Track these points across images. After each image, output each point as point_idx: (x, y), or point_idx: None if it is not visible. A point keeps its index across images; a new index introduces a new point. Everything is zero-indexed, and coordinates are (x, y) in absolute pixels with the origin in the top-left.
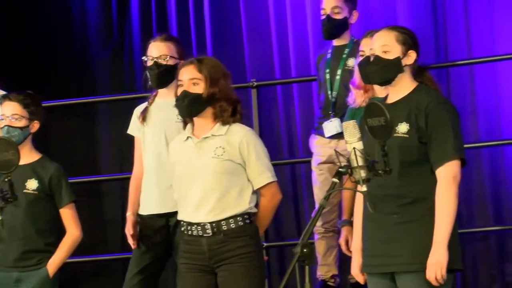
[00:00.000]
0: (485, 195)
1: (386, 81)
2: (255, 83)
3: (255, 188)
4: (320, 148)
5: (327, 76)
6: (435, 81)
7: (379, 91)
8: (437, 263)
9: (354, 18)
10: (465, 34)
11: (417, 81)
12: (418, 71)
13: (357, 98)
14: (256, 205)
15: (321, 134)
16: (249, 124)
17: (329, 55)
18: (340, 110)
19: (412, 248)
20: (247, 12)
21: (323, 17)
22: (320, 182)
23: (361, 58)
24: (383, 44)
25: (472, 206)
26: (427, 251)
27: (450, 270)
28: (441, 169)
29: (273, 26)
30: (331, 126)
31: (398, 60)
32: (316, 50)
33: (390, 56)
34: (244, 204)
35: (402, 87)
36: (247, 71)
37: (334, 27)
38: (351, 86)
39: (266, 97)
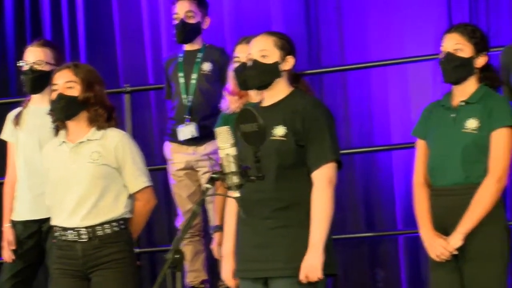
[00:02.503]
0: (357, 202)
1: (264, 86)
2: (129, 89)
3: (130, 193)
4: (177, 154)
5: (181, 80)
6: (309, 87)
7: (254, 96)
8: (311, 265)
9: (206, 23)
10: (338, 41)
11: (293, 86)
12: (293, 77)
13: (231, 104)
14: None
15: (175, 140)
16: (122, 129)
17: (180, 59)
18: (196, 114)
19: (287, 253)
20: (121, 18)
21: (177, 21)
22: (180, 188)
23: (236, 64)
24: (261, 48)
25: (344, 212)
26: (303, 256)
27: (324, 275)
28: (317, 172)
29: (146, 31)
30: (186, 130)
31: (276, 65)
32: None
33: (269, 60)
34: (119, 209)
35: (279, 91)
36: (120, 76)
37: (188, 32)
38: (225, 92)
39: (139, 103)
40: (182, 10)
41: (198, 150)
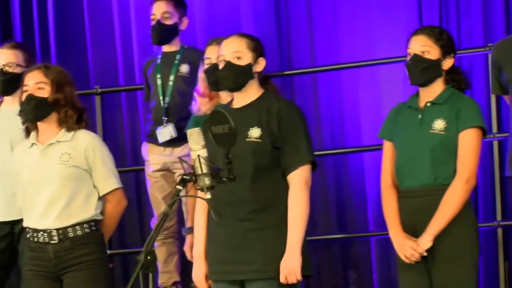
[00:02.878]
0: (329, 203)
1: (238, 87)
2: (99, 90)
3: (101, 194)
4: (154, 155)
5: (159, 82)
6: (278, 88)
7: (225, 98)
8: (290, 267)
9: (184, 24)
10: (309, 43)
11: (262, 88)
12: (262, 79)
13: (201, 106)
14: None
15: (153, 141)
16: (93, 131)
17: (158, 61)
18: (174, 116)
19: (265, 255)
20: (91, 19)
21: (153, 22)
22: (156, 190)
23: (207, 66)
24: (235, 50)
25: (315, 214)
26: (281, 258)
27: (301, 276)
28: (294, 174)
29: (117, 32)
30: (165, 132)
31: (249, 66)
32: None
33: (242, 62)
34: (90, 210)
35: (251, 93)
36: (91, 78)
37: (164, 33)
38: (195, 94)
39: (110, 104)
40: (159, 11)
41: (174, 151)
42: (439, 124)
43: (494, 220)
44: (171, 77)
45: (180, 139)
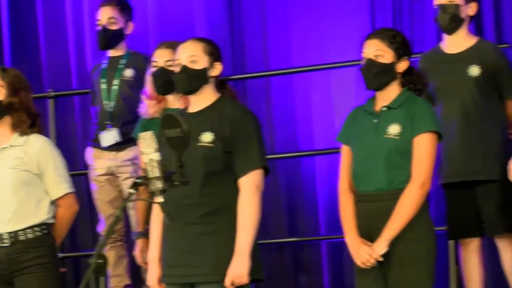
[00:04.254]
0: (281, 207)
1: (192, 91)
2: (52, 94)
3: (52, 199)
4: (98, 160)
5: (103, 86)
6: (235, 93)
7: (172, 101)
8: (237, 272)
9: (129, 29)
10: (262, 47)
11: (219, 93)
12: (219, 83)
13: (149, 108)
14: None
15: (98, 146)
16: (46, 134)
17: (104, 65)
18: (118, 120)
19: (214, 258)
20: (45, 22)
21: (99, 27)
22: (101, 194)
23: (154, 69)
24: (191, 54)
25: (267, 217)
26: (230, 262)
27: (251, 280)
28: (244, 179)
29: (71, 36)
30: (109, 136)
31: (205, 70)
32: None
33: (198, 66)
34: (42, 214)
35: (206, 97)
36: (44, 81)
37: (110, 38)
38: (143, 97)
39: (63, 108)
40: (105, 16)
41: (119, 155)
42: (394, 129)
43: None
44: (116, 82)
45: (124, 143)
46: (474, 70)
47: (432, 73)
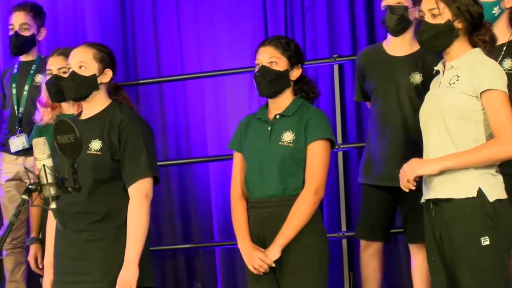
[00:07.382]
0: (174, 213)
1: (81, 98)
2: None
3: None
4: (7, 164)
5: (14, 91)
6: (130, 99)
7: (67, 108)
8: (126, 280)
9: (42, 35)
10: (155, 53)
11: (112, 99)
12: (113, 89)
13: (44, 115)
14: None
15: (7, 150)
16: None
17: (15, 70)
18: (27, 126)
19: (103, 266)
20: None
21: (11, 33)
22: (7, 199)
23: (49, 77)
24: (80, 60)
25: (161, 224)
26: (118, 269)
27: (140, 287)
28: (133, 187)
29: None
30: (18, 141)
31: (94, 77)
32: None
33: (86, 72)
34: None
35: (96, 104)
36: None
37: (22, 44)
38: (38, 104)
39: None
40: (17, 22)
41: (27, 161)
42: (287, 136)
43: (339, 231)
44: (26, 87)
45: (32, 149)
46: (416, 77)
47: (370, 71)
